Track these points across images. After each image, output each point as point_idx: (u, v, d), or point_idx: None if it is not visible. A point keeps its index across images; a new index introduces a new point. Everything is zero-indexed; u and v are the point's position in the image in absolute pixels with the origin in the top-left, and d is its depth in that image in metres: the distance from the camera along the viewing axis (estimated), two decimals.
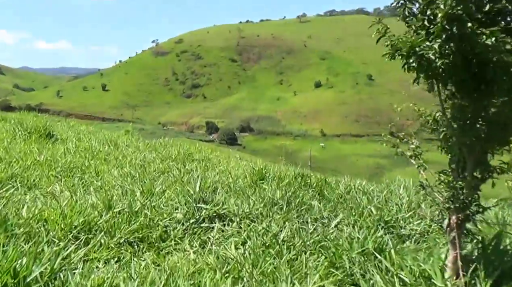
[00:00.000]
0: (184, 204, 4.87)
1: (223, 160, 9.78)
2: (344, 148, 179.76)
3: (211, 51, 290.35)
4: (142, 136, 14.73)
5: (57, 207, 4.13)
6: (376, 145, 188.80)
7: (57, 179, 5.53)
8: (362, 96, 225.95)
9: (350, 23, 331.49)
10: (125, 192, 5.02)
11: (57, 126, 10.72)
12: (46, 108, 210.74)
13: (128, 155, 7.83)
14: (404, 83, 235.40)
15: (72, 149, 7.38)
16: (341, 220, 5.02)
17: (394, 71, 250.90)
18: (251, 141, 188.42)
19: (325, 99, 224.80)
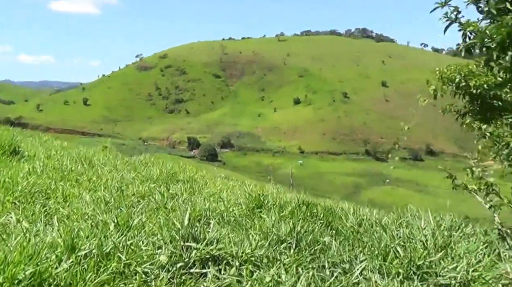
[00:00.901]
0: (169, 242, 3.81)
1: (209, 180, 8.74)
2: (322, 166, 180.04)
3: (195, 66, 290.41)
4: (121, 153, 13.58)
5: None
6: (353, 163, 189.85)
7: (14, 206, 4.42)
8: (339, 113, 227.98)
9: (325, 42, 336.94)
10: (96, 224, 3.94)
11: (26, 142, 9.53)
12: (25, 122, 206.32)
13: (104, 175, 6.72)
14: (376, 102, 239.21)
15: (38, 168, 6.24)
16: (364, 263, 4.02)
17: (367, 90, 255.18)
18: (231, 157, 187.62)
19: (303, 116, 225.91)
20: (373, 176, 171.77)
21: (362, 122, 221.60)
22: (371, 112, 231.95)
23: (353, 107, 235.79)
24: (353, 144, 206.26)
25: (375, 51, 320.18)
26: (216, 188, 7.55)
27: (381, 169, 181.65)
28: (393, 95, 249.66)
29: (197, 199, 5.86)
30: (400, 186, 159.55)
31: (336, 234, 5.13)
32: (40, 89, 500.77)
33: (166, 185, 6.90)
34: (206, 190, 6.94)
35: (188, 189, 6.80)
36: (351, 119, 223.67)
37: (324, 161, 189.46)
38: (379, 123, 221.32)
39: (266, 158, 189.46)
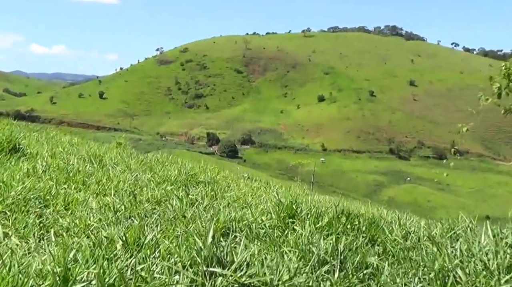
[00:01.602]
0: (189, 265, 3.18)
1: (232, 182, 8.12)
2: (344, 163, 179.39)
3: (216, 61, 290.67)
4: (138, 148, 13.01)
5: None
6: (375, 161, 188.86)
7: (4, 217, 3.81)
8: (364, 112, 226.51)
9: (352, 40, 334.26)
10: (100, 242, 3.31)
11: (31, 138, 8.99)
12: (37, 115, 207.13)
13: (116, 176, 6.12)
14: (404, 101, 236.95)
15: (40, 168, 5.65)
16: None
17: (394, 89, 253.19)
18: (252, 154, 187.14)
19: (327, 114, 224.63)
20: (395, 174, 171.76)
21: (387, 121, 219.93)
22: (397, 111, 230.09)
23: (379, 106, 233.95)
24: (377, 143, 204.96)
25: (404, 50, 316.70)
26: (240, 192, 6.92)
27: (403, 167, 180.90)
28: (421, 95, 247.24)
29: (220, 206, 5.23)
30: (421, 184, 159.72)
31: (384, 252, 4.45)
32: (53, 82, 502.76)
33: (185, 188, 6.30)
34: (229, 194, 6.32)
35: (210, 192, 6.19)
36: (376, 118, 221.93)
37: (347, 159, 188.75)
38: (405, 122, 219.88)
39: (288, 155, 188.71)
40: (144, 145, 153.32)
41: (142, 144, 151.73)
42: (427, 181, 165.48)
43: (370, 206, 8.51)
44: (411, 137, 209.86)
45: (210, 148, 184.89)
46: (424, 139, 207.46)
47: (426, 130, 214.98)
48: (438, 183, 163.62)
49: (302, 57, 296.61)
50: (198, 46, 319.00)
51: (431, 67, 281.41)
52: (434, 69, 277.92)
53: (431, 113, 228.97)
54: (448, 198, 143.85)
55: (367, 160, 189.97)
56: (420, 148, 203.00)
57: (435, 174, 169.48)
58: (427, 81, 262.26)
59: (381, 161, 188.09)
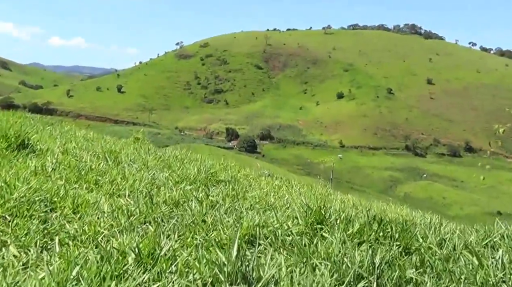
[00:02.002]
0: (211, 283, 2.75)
1: (253, 180, 7.68)
2: (361, 160, 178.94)
3: (237, 56, 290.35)
4: (156, 143, 12.63)
5: None
6: (392, 157, 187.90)
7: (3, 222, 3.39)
8: (382, 109, 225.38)
9: (372, 37, 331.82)
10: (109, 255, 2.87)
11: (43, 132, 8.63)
12: (53, 108, 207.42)
13: (131, 174, 5.72)
14: (421, 99, 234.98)
15: (49, 166, 5.25)
16: None
17: (412, 87, 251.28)
18: (270, 149, 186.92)
19: (346, 111, 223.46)
20: (411, 171, 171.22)
21: (404, 118, 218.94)
22: (414, 109, 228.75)
23: (397, 104, 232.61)
24: (394, 140, 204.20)
25: (423, 48, 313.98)
26: (262, 191, 6.49)
27: (419, 164, 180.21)
28: (438, 93, 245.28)
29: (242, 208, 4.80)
30: (436, 181, 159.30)
31: (421, 264, 3.98)
32: (70, 74, 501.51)
33: (204, 188, 5.89)
34: (251, 194, 5.88)
35: (230, 192, 5.78)
36: (393, 116, 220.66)
37: (364, 155, 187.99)
38: (422, 120, 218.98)
39: (306, 151, 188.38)
40: (162, 139, 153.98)
41: (160, 138, 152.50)
42: (443, 177, 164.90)
43: (393, 205, 8.04)
44: (427, 134, 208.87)
45: (229, 142, 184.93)
46: (439, 137, 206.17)
47: (442, 128, 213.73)
48: (453, 180, 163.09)
49: (322, 54, 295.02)
50: (218, 41, 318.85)
51: (449, 66, 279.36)
52: (452, 68, 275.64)
53: (447, 112, 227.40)
54: (463, 194, 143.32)
55: (383, 157, 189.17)
56: (436, 145, 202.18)
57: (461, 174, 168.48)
58: (444, 80, 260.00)
59: (397, 158, 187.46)
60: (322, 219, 4.57)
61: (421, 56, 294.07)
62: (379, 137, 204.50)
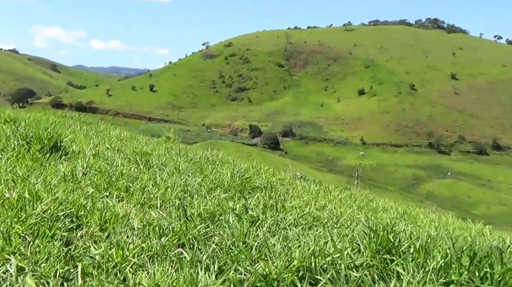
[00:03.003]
0: None
1: (289, 185, 7.09)
2: (383, 157, 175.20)
3: (259, 55, 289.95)
4: (185, 140, 12.08)
5: None
6: (414, 155, 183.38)
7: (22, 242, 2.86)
8: (404, 105, 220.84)
9: (393, 33, 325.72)
10: None
11: (79, 132, 8.22)
12: (96, 106, 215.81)
13: (163, 180, 5.19)
14: (444, 95, 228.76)
15: (79, 171, 4.77)
16: None
17: (435, 82, 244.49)
18: (292, 146, 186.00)
19: (367, 107, 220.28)
20: (434, 169, 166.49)
21: (427, 115, 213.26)
22: (437, 105, 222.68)
23: (419, 100, 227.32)
24: (416, 137, 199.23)
25: (446, 43, 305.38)
26: (302, 200, 5.89)
27: (443, 161, 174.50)
28: (463, 89, 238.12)
29: (286, 223, 4.17)
30: (461, 179, 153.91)
31: None
32: (109, 75, 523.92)
33: (240, 195, 5.32)
34: (291, 203, 5.28)
35: (268, 201, 5.18)
36: (416, 112, 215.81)
37: (386, 153, 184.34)
38: (446, 116, 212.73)
39: (327, 148, 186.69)
40: (191, 136, 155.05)
41: (189, 135, 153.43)
42: (468, 176, 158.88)
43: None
44: (452, 131, 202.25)
45: (253, 139, 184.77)
46: (465, 134, 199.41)
47: (467, 125, 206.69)
48: (479, 179, 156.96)
49: (343, 50, 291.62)
50: (241, 40, 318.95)
51: (473, 61, 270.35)
52: (476, 63, 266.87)
53: (473, 107, 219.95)
54: (489, 193, 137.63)
55: (405, 154, 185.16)
56: (461, 143, 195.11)
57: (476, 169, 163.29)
58: (468, 75, 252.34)
59: (420, 155, 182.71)
60: (391, 246, 3.68)
61: (444, 51, 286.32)
62: (401, 134, 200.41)
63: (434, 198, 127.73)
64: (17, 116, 8.19)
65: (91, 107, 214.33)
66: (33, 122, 7.59)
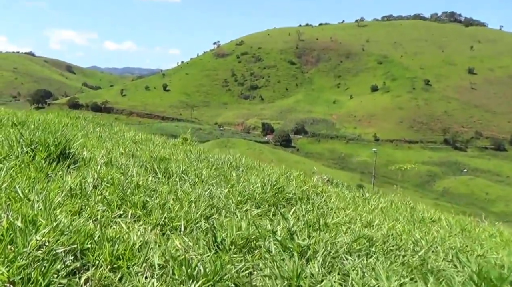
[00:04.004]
0: None
1: (324, 194, 6.31)
2: (397, 154, 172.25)
3: (270, 53, 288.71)
4: (198, 138, 11.35)
5: None
6: (429, 151, 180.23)
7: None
8: (418, 101, 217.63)
9: (407, 28, 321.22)
10: None
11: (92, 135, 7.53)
12: (111, 106, 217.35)
13: (185, 193, 4.45)
14: (461, 90, 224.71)
15: (89, 183, 4.05)
16: None
17: (451, 78, 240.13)
18: (304, 143, 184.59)
19: (381, 104, 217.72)
20: (450, 165, 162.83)
21: (443, 111, 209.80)
22: (453, 100, 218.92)
23: (435, 96, 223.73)
24: (431, 133, 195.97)
25: (463, 36, 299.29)
26: (344, 213, 5.12)
27: (459, 158, 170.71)
28: (480, 83, 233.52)
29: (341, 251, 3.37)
30: (478, 176, 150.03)
31: None
32: (123, 75, 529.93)
33: (275, 209, 4.58)
34: (333, 220, 4.51)
35: (308, 216, 4.42)
36: (431, 108, 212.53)
37: (399, 149, 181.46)
38: (462, 112, 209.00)
39: (340, 145, 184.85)
40: (204, 134, 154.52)
41: (202, 133, 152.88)
42: (485, 172, 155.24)
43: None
44: (468, 127, 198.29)
45: (265, 137, 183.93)
46: (481, 129, 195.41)
47: (484, 120, 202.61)
48: (497, 175, 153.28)
49: (355, 47, 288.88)
50: (253, 39, 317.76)
51: (492, 54, 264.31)
52: (495, 56, 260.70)
53: (490, 102, 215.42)
54: (508, 190, 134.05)
55: (420, 150, 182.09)
56: (478, 139, 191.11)
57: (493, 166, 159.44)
58: (487, 69, 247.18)
59: (435, 152, 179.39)
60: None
61: (461, 45, 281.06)
62: (416, 130, 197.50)
63: (450, 195, 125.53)
64: (27, 119, 7.54)
65: (106, 107, 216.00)
66: (42, 125, 6.94)
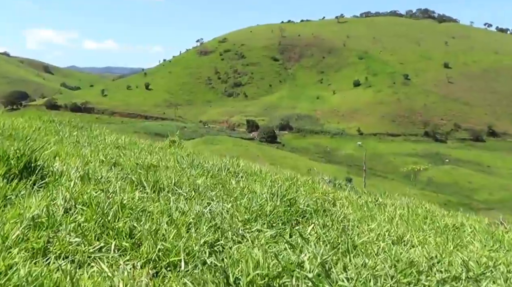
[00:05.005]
0: None
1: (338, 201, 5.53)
2: (381, 147, 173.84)
3: (253, 50, 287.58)
4: (182, 137, 10.44)
5: None
6: (412, 144, 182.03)
7: None
8: (399, 96, 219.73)
9: (385, 24, 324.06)
10: None
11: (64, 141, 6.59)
12: (91, 107, 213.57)
13: (181, 213, 3.59)
14: (438, 84, 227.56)
15: (59, 207, 3.15)
16: None
17: (429, 72, 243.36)
18: (290, 139, 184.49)
19: (363, 99, 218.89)
20: (432, 157, 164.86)
21: (422, 104, 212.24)
22: (432, 94, 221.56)
23: (414, 90, 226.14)
24: (412, 126, 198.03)
25: (437, 32, 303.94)
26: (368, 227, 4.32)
27: (441, 149, 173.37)
28: (456, 77, 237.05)
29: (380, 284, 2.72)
30: (461, 166, 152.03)
31: None
32: (104, 75, 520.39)
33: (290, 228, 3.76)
34: (360, 239, 3.69)
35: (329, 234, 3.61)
36: (411, 102, 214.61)
37: (383, 142, 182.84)
38: (440, 105, 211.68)
39: (325, 140, 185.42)
40: (188, 132, 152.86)
41: (186, 131, 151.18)
42: (467, 162, 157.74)
43: None
44: (447, 120, 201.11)
45: (250, 134, 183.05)
46: (460, 121, 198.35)
47: (462, 113, 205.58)
48: (478, 165, 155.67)
49: (336, 43, 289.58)
50: (236, 36, 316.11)
51: (465, 49, 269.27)
52: (468, 51, 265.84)
53: (467, 96, 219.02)
54: (490, 179, 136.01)
55: (402, 143, 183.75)
56: (457, 130, 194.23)
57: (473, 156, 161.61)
58: (461, 63, 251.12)
59: (417, 144, 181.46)
60: None
61: (436, 40, 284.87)
62: (397, 124, 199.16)
63: (434, 185, 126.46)
64: None
65: (87, 108, 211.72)
66: (7, 131, 5.93)
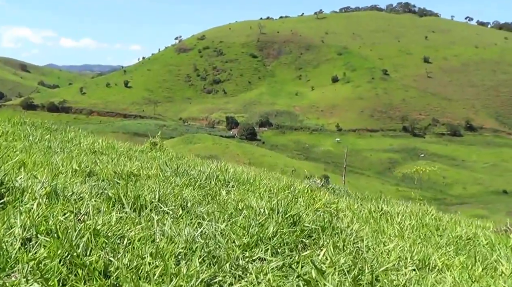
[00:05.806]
0: None
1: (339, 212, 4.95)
2: (359, 143, 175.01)
3: (232, 47, 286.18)
4: (162, 136, 9.75)
5: None
6: (390, 139, 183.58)
7: None
8: (377, 91, 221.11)
9: (365, 19, 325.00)
10: None
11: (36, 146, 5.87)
12: (69, 106, 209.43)
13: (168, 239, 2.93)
14: (417, 78, 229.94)
15: (16, 238, 2.40)
16: None
17: (408, 67, 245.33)
18: (270, 136, 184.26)
19: (342, 94, 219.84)
20: (409, 152, 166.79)
21: (401, 99, 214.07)
22: (411, 89, 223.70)
23: (393, 85, 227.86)
24: (391, 121, 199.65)
25: (418, 27, 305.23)
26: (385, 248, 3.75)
27: (418, 144, 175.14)
28: (436, 72, 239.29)
29: None
30: (436, 161, 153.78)
31: None
32: (82, 73, 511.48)
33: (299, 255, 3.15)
34: (381, 268, 3.10)
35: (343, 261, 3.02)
36: (390, 97, 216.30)
37: (361, 138, 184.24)
38: (419, 100, 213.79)
39: (304, 136, 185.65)
40: (168, 130, 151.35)
41: (166, 129, 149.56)
42: (442, 157, 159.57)
43: None
44: (425, 114, 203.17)
45: (230, 131, 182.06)
46: (438, 116, 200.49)
47: (441, 107, 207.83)
48: (453, 159, 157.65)
49: (315, 39, 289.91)
50: (214, 33, 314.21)
51: (445, 43, 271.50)
52: (449, 45, 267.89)
53: (446, 90, 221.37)
54: (464, 173, 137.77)
55: (381, 138, 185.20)
56: (435, 125, 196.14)
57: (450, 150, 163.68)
58: (441, 58, 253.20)
59: (395, 139, 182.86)
60: None
61: (416, 35, 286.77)
62: (376, 119, 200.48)
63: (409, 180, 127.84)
64: None
65: (64, 107, 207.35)
66: None
